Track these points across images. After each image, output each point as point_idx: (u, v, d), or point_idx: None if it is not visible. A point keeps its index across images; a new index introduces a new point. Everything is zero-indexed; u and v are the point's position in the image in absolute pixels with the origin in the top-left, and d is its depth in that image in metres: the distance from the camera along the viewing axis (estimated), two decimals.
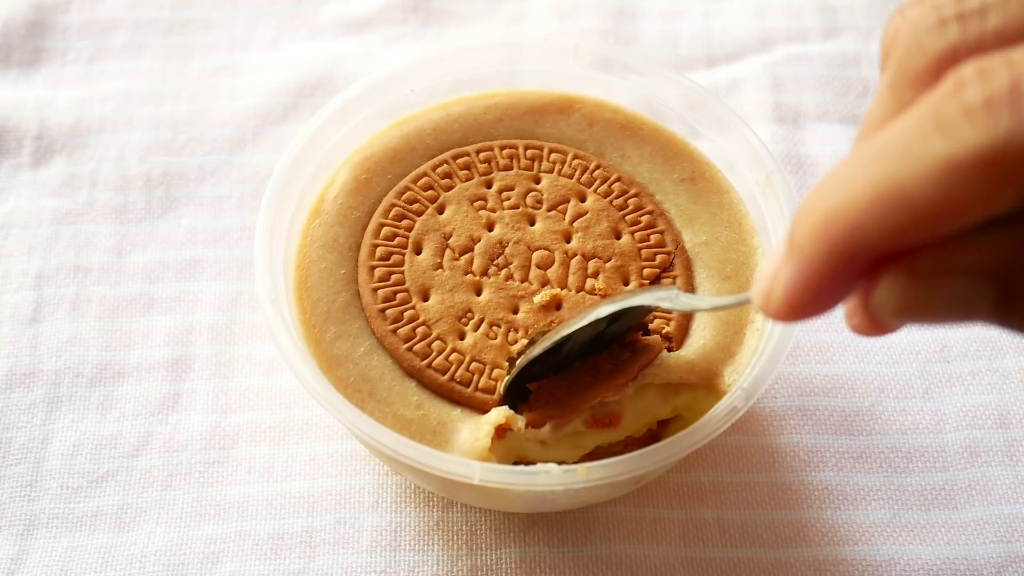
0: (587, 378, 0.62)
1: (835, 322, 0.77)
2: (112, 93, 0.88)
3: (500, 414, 0.60)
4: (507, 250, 0.66)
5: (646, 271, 0.66)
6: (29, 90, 0.88)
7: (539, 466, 0.57)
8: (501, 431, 0.60)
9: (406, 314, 0.64)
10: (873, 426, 0.73)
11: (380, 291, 0.64)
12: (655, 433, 0.66)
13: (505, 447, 0.61)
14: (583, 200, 0.68)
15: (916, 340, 0.76)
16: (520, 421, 0.60)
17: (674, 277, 0.66)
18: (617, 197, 0.68)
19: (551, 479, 0.56)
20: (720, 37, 0.93)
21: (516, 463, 0.64)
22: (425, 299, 0.64)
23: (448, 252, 0.66)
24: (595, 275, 0.65)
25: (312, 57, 0.91)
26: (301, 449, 0.71)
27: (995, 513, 0.69)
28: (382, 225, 0.67)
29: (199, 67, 0.90)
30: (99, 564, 0.67)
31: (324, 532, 0.68)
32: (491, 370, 0.62)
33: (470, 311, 0.64)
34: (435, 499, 0.69)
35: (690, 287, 0.66)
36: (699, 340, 0.64)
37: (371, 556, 0.67)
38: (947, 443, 0.72)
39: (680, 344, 0.64)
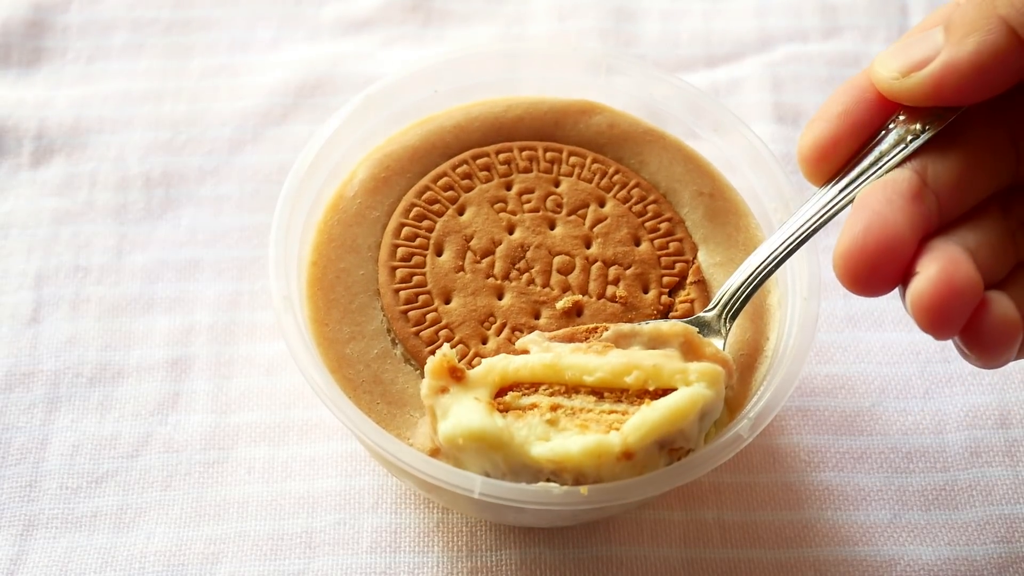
0: None
1: (835, 322, 0.77)
2: (112, 93, 0.88)
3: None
4: (528, 254, 0.66)
5: (665, 279, 0.66)
6: (29, 90, 0.88)
7: (540, 484, 0.56)
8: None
9: (428, 316, 0.64)
10: (874, 426, 0.73)
11: (402, 292, 0.64)
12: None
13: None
14: (602, 205, 0.68)
15: (917, 340, 0.76)
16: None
17: (691, 300, 0.65)
18: (636, 203, 0.68)
19: (551, 498, 0.56)
20: (720, 37, 0.93)
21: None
22: (447, 301, 0.64)
23: (470, 254, 0.65)
24: (615, 282, 0.65)
25: (312, 57, 0.91)
26: (301, 450, 0.71)
27: (996, 513, 0.69)
28: (403, 225, 0.66)
29: (199, 67, 0.90)
30: (99, 564, 0.66)
31: (324, 533, 0.68)
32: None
33: (492, 315, 0.64)
34: (436, 501, 0.69)
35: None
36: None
37: (371, 557, 0.67)
38: (948, 443, 0.72)
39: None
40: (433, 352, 0.61)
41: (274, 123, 0.87)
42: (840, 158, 0.57)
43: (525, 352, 0.59)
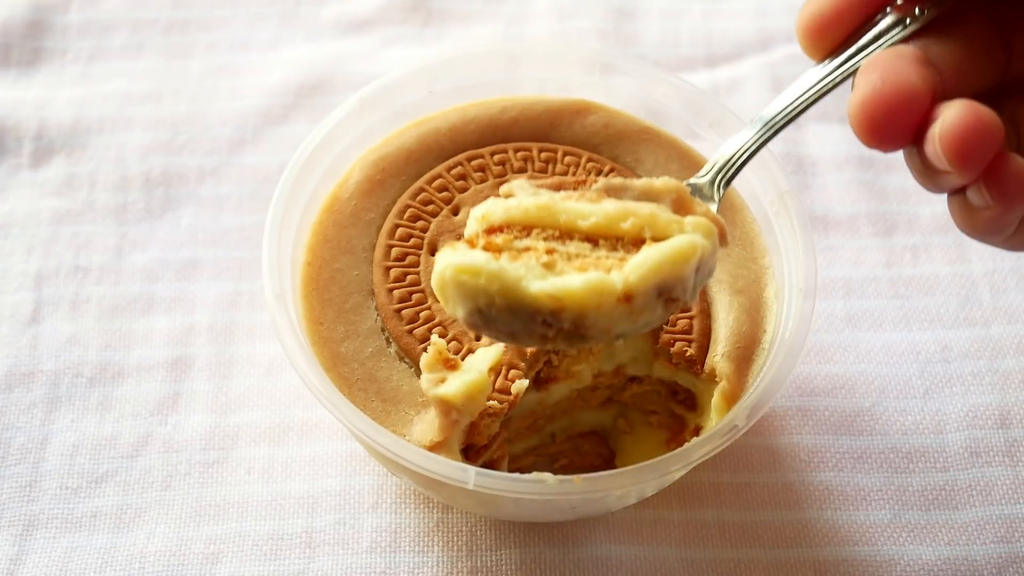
0: None
1: (835, 323, 0.77)
2: (112, 93, 0.88)
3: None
4: None
5: None
6: (29, 90, 0.88)
7: (535, 474, 0.56)
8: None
9: (422, 314, 0.64)
10: (874, 426, 0.73)
11: (396, 291, 0.64)
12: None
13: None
14: None
15: (917, 340, 0.76)
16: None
17: None
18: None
19: (546, 488, 0.56)
20: (720, 37, 0.93)
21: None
22: None
23: None
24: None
25: (312, 57, 0.91)
26: (301, 450, 0.71)
27: (996, 513, 0.69)
28: (397, 226, 0.67)
29: (199, 67, 0.90)
30: (99, 564, 0.66)
31: (324, 533, 0.68)
32: (507, 371, 0.62)
33: None
34: (435, 500, 0.69)
35: (705, 301, 0.65)
36: (716, 355, 0.63)
37: (371, 557, 0.67)
38: (948, 443, 0.72)
39: (702, 364, 0.63)
40: (426, 349, 0.61)
41: (274, 123, 0.87)
42: (840, 32, 0.57)
43: (511, 196, 0.56)
